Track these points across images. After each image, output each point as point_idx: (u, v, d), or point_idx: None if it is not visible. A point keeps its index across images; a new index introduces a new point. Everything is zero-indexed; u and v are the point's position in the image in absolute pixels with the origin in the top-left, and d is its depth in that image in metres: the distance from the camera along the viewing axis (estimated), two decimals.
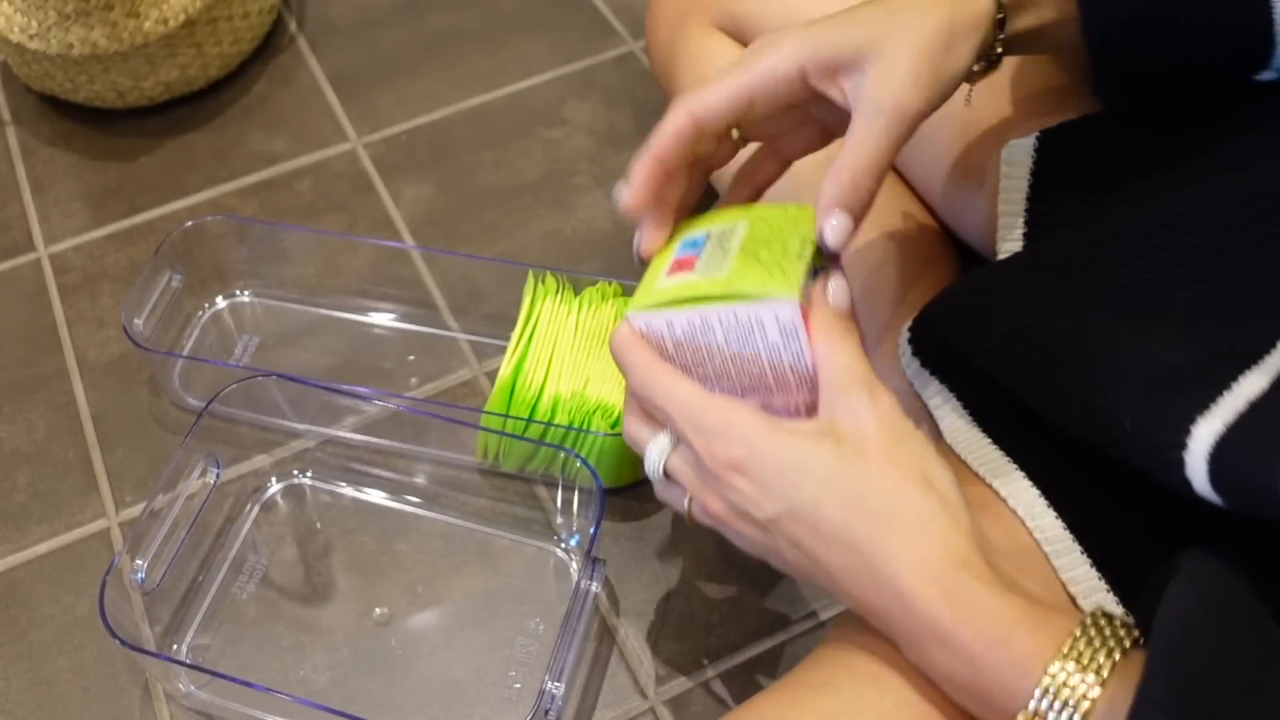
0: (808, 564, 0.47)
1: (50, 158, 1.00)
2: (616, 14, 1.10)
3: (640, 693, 0.68)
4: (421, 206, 0.94)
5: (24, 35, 0.95)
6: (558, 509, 0.75)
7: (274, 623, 0.71)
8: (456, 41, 1.08)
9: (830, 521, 0.45)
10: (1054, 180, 0.61)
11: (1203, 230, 0.51)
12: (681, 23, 0.81)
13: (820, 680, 0.49)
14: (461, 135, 1.00)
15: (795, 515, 0.46)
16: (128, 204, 0.96)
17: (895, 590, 0.44)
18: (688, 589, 0.72)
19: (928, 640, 0.44)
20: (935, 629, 0.43)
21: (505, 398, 0.74)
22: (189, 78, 1.00)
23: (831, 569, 0.46)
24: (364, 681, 0.68)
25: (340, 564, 0.73)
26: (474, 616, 0.71)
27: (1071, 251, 0.55)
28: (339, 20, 1.11)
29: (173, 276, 0.84)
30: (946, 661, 0.43)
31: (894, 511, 0.44)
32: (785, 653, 0.69)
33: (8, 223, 0.96)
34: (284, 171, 0.98)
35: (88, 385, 0.84)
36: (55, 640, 0.71)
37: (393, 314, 0.87)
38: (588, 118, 1.00)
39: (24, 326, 0.88)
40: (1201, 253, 0.50)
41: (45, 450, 0.81)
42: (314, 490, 0.77)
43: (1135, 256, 0.52)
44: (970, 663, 0.42)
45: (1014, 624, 0.42)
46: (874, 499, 0.45)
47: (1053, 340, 0.51)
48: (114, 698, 0.69)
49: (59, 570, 0.75)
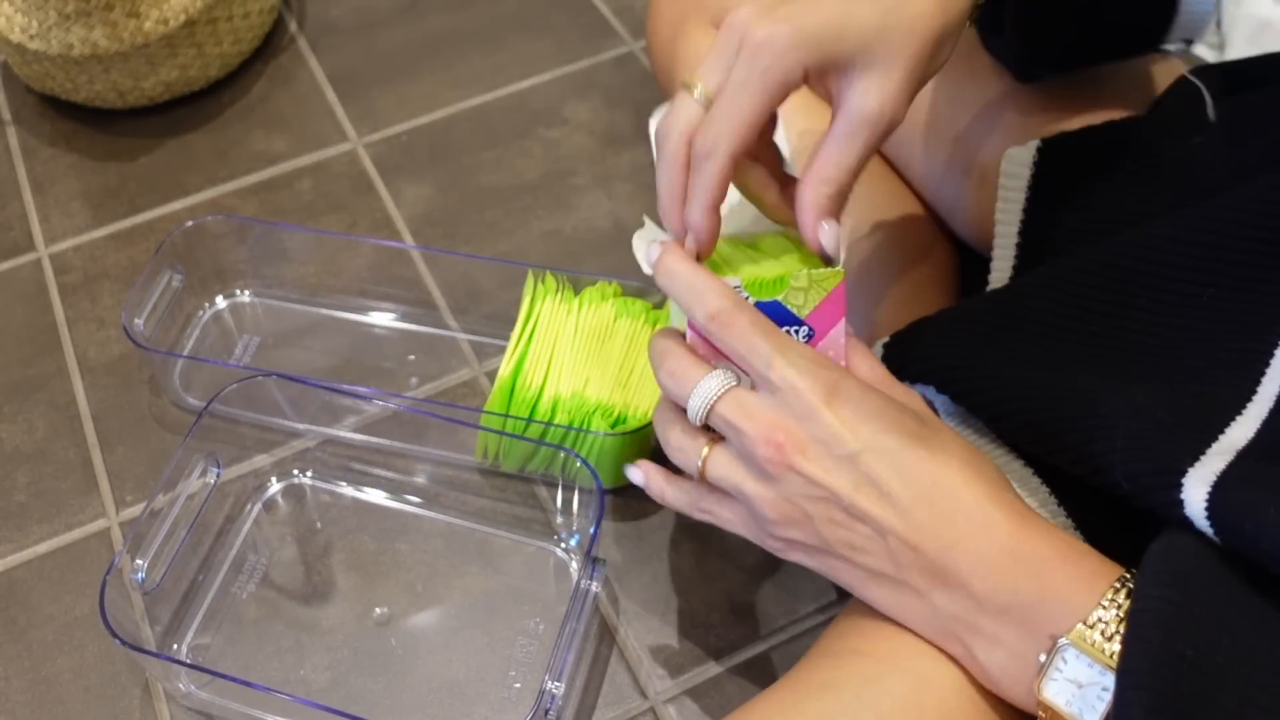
0: (888, 521, 0.47)
1: (50, 158, 1.00)
2: (616, 14, 1.10)
3: (640, 693, 0.68)
4: (421, 206, 0.94)
5: (24, 35, 0.95)
6: (558, 509, 0.75)
7: (274, 623, 0.71)
8: (456, 41, 1.08)
9: (912, 457, 0.47)
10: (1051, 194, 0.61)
11: (1176, 275, 0.51)
12: (682, 23, 0.81)
13: (820, 680, 0.49)
14: (461, 135, 1.00)
15: (882, 450, 0.47)
16: (128, 204, 0.96)
17: (979, 512, 0.46)
18: (688, 589, 0.72)
19: (999, 559, 0.45)
20: (1012, 546, 0.45)
21: (505, 398, 0.74)
22: (189, 78, 1.00)
23: (900, 507, 0.46)
24: (364, 681, 0.68)
25: (340, 564, 0.73)
26: (474, 616, 0.71)
27: (1045, 298, 0.56)
28: (339, 20, 1.11)
29: (173, 276, 0.84)
30: (1011, 581, 0.45)
31: (962, 453, 0.48)
32: (785, 653, 0.69)
33: (8, 223, 0.96)
34: (284, 171, 0.98)
35: (88, 385, 0.84)
36: (55, 640, 0.71)
37: (393, 314, 0.87)
38: (588, 118, 1.00)
39: (24, 326, 0.88)
40: (1175, 297, 0.51)
41: (45, 450, 0.81)
42: (314, 490, 0.77)
43: (1107, 303, 0.53)
44: (1037, 578, 0.44)
45: (1082, 548, 0.46)
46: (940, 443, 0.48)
47: (1036, 393, 0.52)
48: (114, 698, 0.69)
49: (59, 570, 0.75)
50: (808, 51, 0.49)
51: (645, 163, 0.96)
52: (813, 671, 0.51)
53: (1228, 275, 0.49)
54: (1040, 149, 0.61)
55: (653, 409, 0.73)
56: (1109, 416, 0.47)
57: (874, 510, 0.47)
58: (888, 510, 0.46)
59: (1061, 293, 0.55)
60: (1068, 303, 0.54)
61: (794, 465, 0.48)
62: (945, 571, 0.46)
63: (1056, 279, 0.55)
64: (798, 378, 0.47)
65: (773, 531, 0.50)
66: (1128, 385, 0.49)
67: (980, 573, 0.45)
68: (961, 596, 0.46)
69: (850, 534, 0.48)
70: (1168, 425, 0.46)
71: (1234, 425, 0.45)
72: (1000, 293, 0.60)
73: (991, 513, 0.46)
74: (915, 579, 0.47)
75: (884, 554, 0.47)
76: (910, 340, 0.59)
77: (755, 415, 0.48)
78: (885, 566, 0.47)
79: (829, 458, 0.47)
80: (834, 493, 0.47)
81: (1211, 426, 0.45)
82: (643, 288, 0.79)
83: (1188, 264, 0.51)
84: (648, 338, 0.77)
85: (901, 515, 0.46)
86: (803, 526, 0.49)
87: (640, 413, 0.73)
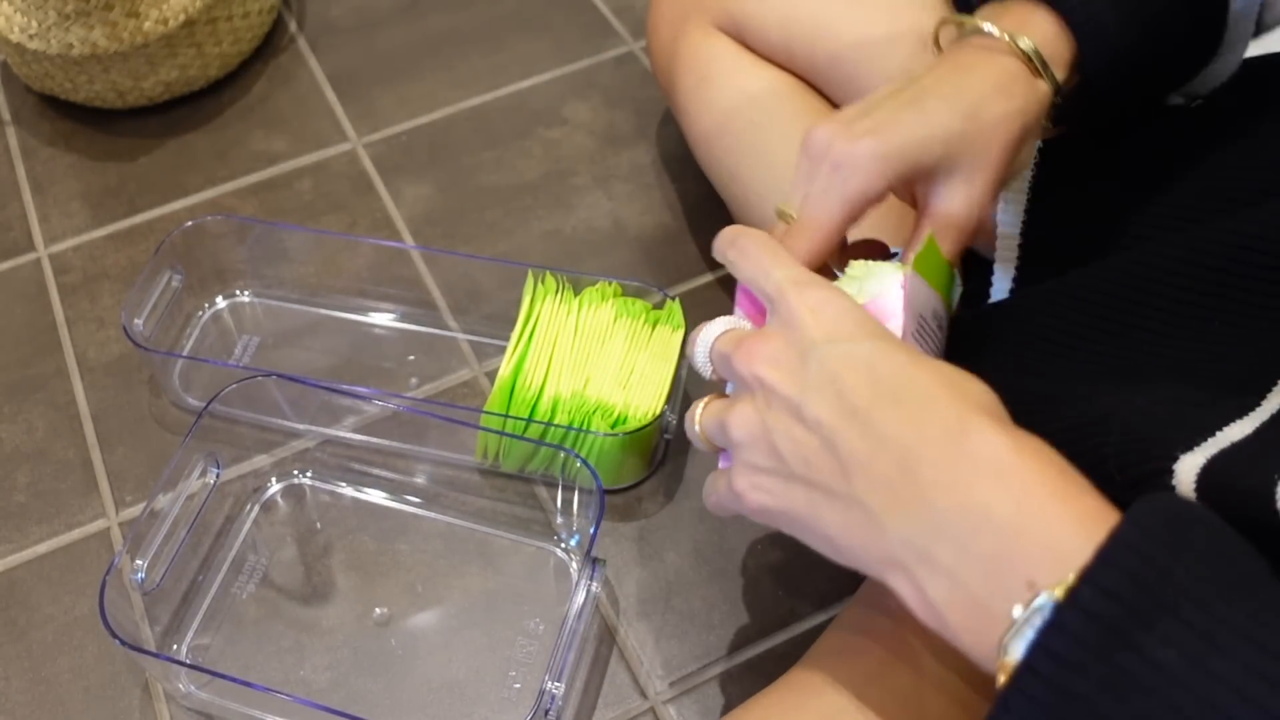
0: (842, 425, 0.41)
1: (50, 158, 1.00)
2: (616, 14, 1.10)
3: (640, 693, 0.68)
4: (421, 206, 0.94)
5: (24, 35, 0.95)
6: (558, 509, 0.75)
7: (274, 623, 0.71)
8: (456, 41, 1.08)
9: (882, 354, 0.42)
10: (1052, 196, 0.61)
11: (1190, 299, 0.51)
12: (682, 23, 0.81)
13: (820, 680, 0.50)
14: (461, 135, 1.00)
15: (848, 342, 0.42)
16: (128, 204, 0.96)
17: (953, 417, 0.39)
18: (688, 589, 0.72)
19: (972, 469, 0.38)
20: (991, 455, 0.38)
21: (505, 398, 0.74)
22: (189, 78, 1.00)
23: (858, 409, 0.40)
24: (364, 681, 0.68)
25: (340, 564, 0.73)
26: (474, 616, 0.71)
27: (1051, 314, 0.55)
28: (339, 20, 1.11)
29: (173, 276, 0.84)
30: (984, 495, 0.37)
31: (949, 370, 0.42)
32: (786, 653, 0.69)
33: (8, 223, 0.96)
34: (284, 171, 0.98)
35: (88, 385, 0.84)
36: (55, 640, 0.71)
37: (393, 314, 0.87)
38: (588, 118, 1.00)
39: (24, 326, 0.88)
40: (1186, 320, 0.51)
41: (45, 450, 0.81)
42: (314, 490, 0.77)
43: (1115, 323, 0.52)
44: (1018, 501, 0.37)
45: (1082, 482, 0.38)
46: (926, 359, 0.43)
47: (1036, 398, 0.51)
48: (114, 698, 0.69)
49: (59, 570, 0.75)
50: (890, 164, 0.48)
51: (645, 162, 0.96)
52: (813, 671, 0.51)
53: (1240, 301, 0.49)
54: (1040, 149, 0.61)
55: (653, 409, 0.73)
56: (1106, 413, 0.47)
57: (824, 414, 0.41)
58: (840, 413, 0.41)
59: (1070, 310, 0.54)
60: (1076, 320, 0.53)
61: (757, 371, 0.44)
62: (903, 482, 0.39)
63: (1064, 296, 0.55)
64: (783, 280, 0.44)
65: (743, 458, 0.45)
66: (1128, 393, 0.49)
67: (946, 482, 0.38)
68: (919, 512, 0.38)
69: (804, 448, 0.42)
70: (1165, 420, 0.46)
71: (1233, 425, 0.45)
72: (1005, 307, 0.59)
73: (970, 418, 0.39)
74: (869, 496, 0.40)
75: (834, 467, 0.41)
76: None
77: (747, 340, 0.45)
78: (835, 482, 0.41)
79: (792, 355, 0.43)
80: (784, 394, 0.42)
81: (1208, 425, 0.45)
82: (643, 287, 0.79)
83: (1201, 288, 0.50)
84: (648, 338, 0.77)
85: (858, 420, 0.40)
86: (762, 446, 0.44)
87: (640, 413, 0.73)
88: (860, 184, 0.48)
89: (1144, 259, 0.53)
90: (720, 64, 0.78)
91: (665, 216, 0.93)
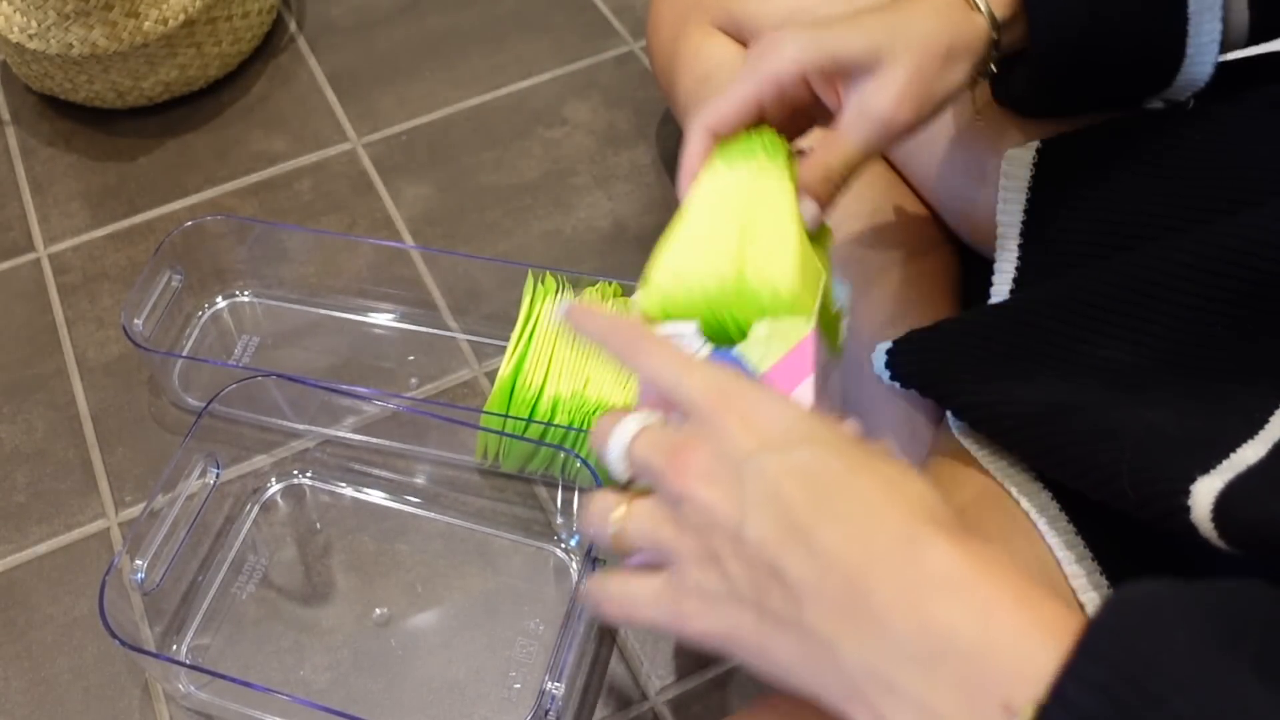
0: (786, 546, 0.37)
1: (50, 158, 1.00)
2: (616, 14, 1.10)
3: (640, 693, 0.68)
4: (421, 206, 0.94)
5: (24, 35, 0.95)
6: (558, 509, 0.75)
7: (274, 623, 0.71)
8: (456, 41, 1.08)
9: (829, 471, 0.38)
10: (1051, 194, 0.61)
11: (1195, 305, 0.51)
12: (682, 23, 0.81)
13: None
14: (461, 135, 1.00)
15: (793, 468, 0.38)
16: (128, 204, 0.96)
17: (903, 530, 0.36)
18: None
19: (929, 587, 0.35)
20: (948, 571, 0.35)
21: (505, 398, 0.74)
22: (189, 78, 1.00)
23: (799, 527, 0.37)
24: (364, 682, 0.68)
25: (340, 564, 0.73)
26: (474, 616, 0.71)
27: (1056, 318, 0.56)
28: (339, 20, 1.11)
29: (172, 276, 0.84)
30: (945, 616, 0.34)
31: (890, 470, 0.39)
32: None
33: (7, 223, 0.95)
34: (284, 171, 0.98)
35: (87, 385, 0.84)
36: (55, 640, 0.71)
37: (393, 314, 0.87)
38: (588, 118, 1.00)
39: (24, 326, 0.88)
40: (1192, 326, 0.51)
41: (45, 450, 0.81)
42: (314, 490, 0.77)
43: (1119, 327, 0.53)
44: (983, 619, 0.34)
45: (1043, 590, 0.35)
46: (866, 458, 0.39)
47: (1046, 410, 0.51)
48: (114, 698, 0.69)
49: (59, 570, 0.75)
50: (803, 51, 0.52)
51: (645, 162, 0.96)
52: None
53: (1243, 306, 0.49)
54: (1040, 149, 0.61)
55: None
56: (1118, 430, 0.47)
57: (768, 534, 0.37)
58: (784, 531, 0.37)
59: (1071, 313, 0.54)
60: (1077, 323, 0.54)
61: (691, 491, 0.39)
62: (856, 606, 0.35)
63: (1065, 298, 0.55)
64: (701, 388, 0.41)
65: (685, 580, 0.40)
66: (1138, 407, 0.49)
67: (902, 603, 0.35)
68: (876, 639, 0.35)
69: (752, 572, 0.38)
70: (1178, 440, 0.46)
71: (1245, 446, 0.45)
72: (1010, 309, 0.59)
73: (921, 530, 0.36)
74: (823, 624, 0.36)
75: (783, 594, 0.37)
76: (916, 351, 0.59)
77: (666, 444, 0.41)
78: (786, 609, 0.37)
79: (726, 471, 0.39)
80: (724, 516, 0.38)
81: (1222, 445, 0.45)
82: None
83: (1204, 292, 0.50)
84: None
85: (802, 539, 0.37)
86: (708, 567, 0.39)
87: None
88: (774, 64, 0.53)
89: (1146, 261, 0.53)
90: (720, 64, 0.78)
91: (665, 216, 0.92)
